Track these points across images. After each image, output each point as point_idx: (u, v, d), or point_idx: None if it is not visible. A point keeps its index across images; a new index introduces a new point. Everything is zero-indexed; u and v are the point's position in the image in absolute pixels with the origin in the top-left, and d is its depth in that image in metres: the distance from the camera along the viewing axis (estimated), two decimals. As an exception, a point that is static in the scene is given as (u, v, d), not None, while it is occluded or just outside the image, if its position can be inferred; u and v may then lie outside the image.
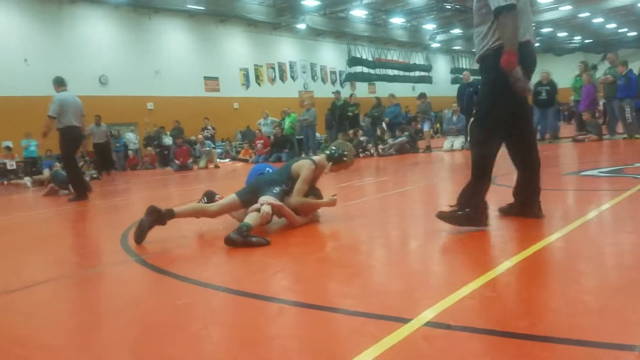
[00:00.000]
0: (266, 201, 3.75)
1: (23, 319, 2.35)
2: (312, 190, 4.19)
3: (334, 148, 4.28)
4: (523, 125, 3.46)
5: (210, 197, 4.54)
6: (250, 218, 3.60)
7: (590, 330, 1.71)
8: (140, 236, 3.74)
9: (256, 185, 4.09)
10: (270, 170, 4.53)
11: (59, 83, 8.35)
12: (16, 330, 2.18)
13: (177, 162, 15.84)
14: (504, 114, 3.26)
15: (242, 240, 3.35)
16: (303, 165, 4.14)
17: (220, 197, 4.43)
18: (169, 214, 3.83)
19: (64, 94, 8.16)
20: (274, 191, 3.94)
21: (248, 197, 3.98)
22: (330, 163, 4.22)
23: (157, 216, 3.77)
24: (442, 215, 3.40)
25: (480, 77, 3.54)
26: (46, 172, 12.45)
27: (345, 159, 4.22)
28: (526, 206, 3.52)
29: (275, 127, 16.81)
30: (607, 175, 5.69)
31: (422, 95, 15.46)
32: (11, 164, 15.65)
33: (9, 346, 1.98)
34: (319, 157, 4.30)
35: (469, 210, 3.29)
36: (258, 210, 3.69)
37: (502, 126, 3.29)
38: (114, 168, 16.02)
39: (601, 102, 13.81)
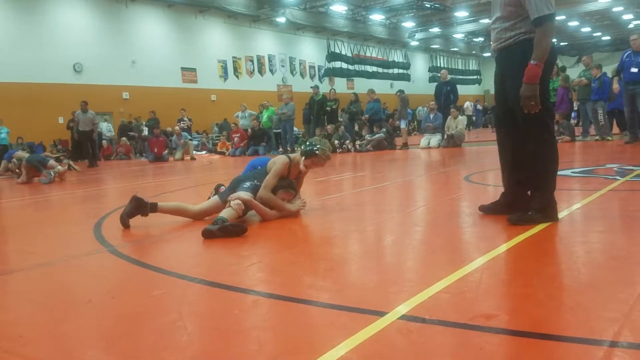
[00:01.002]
0: (235, 196, 3.79)
1: (-9, 308, 2.30)
2: (290, 184, 4.18)
3: (307, 143, 4.32)
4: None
5: (217, 189, 4.59)
6: (225, 212, 3.64)
7: (563, 325, 1.75)
8: (123, 223, 3.88)
9: (233, 185, 4.14)
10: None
11: None
12: (-16, 320, 2.13)
13: (152, 152, 15.66)
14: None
15: (218, 228, 3.34)
16: (277, 160, 4.23)
17: (224, 188, 4.48)
18: (152, 207, 3.91)
19: None
20: (244, 186, 4.00)
21: (228, 198, 3.99)
22: (303, 157, 4.22)
23: (137, 205, 3.85)
24: (515, 220, 3.24)
25: (498, 69, 3.48)
26: (4, 164, 11.87)
27: (317, 152, 4.17)
28: (511, 206, 3.47)
29: (253, 121, 16.72)
30: (579, 176, 5.81)
31: (400, 92, 15.57)
32: (-19, 151, 15.19)
33: (-23, 336, 1.94)
34: (294, 154, 4.37)
35: (545, 209, 3.22)
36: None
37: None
38: (95, 159, 14.64)
39: (575, 104, 14.08)
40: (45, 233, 4.35)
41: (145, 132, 19.31)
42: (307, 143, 4.30)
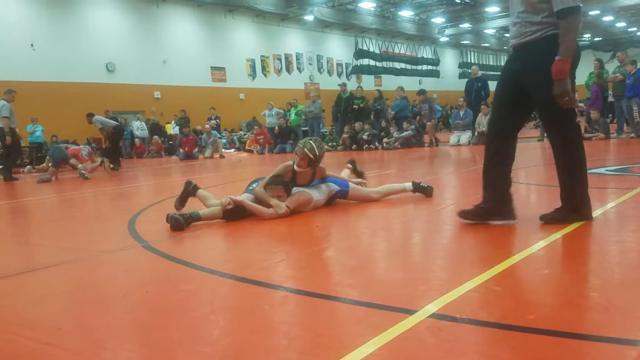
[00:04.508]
0: (231, 197, 3.95)
1: (31, 302, 2.37)
2: (281, 182, 4.20)
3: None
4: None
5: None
6: (206, 209, 3.95)
7: (595, 325, 1.73)
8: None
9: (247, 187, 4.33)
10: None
11: None
12: (24, 314, 2.20)
13: (181, 150, 15.92)
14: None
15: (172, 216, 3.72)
16: (281, 165, 4.34)
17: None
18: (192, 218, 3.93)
19: None
20: (249, 188, 4.18)
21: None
22: (296, 155, 4.30)
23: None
24: (549, 219, 3.19)
25: (515, 66, 3.26)
26: (47, 161, 12.30)
27: (300, 145, 4.28)
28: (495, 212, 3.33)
29: (280, 119, 16.78)
30: (614, 174, 5.68)
31: (422, 92, 15.14)
32: (17, 149, 15.54)
33: (18, 329, 2.01)
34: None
35: (579, 208, 3.15)
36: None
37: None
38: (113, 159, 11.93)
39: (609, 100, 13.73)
40: (80, 229, 4.47)
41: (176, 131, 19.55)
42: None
